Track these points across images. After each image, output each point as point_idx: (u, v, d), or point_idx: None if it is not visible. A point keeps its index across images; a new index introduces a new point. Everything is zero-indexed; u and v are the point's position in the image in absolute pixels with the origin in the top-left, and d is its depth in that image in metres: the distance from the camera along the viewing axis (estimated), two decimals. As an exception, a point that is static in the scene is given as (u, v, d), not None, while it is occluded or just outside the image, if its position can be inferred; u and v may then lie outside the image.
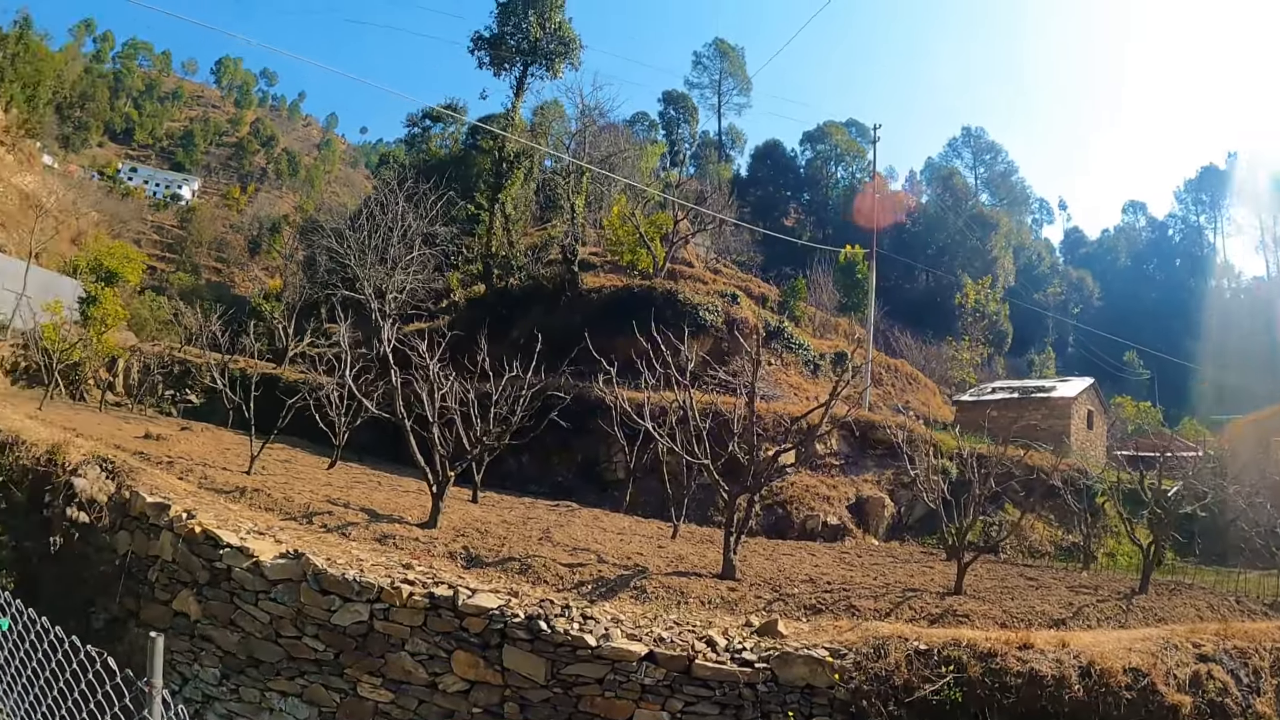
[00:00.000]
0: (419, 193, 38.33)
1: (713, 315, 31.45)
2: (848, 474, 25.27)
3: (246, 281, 78.16)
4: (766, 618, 11.68)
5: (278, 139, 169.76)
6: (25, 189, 66.85)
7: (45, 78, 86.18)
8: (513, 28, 43.47)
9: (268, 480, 17.32)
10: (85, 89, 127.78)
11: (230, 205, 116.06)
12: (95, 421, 23.37)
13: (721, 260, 52.16)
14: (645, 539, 16.86)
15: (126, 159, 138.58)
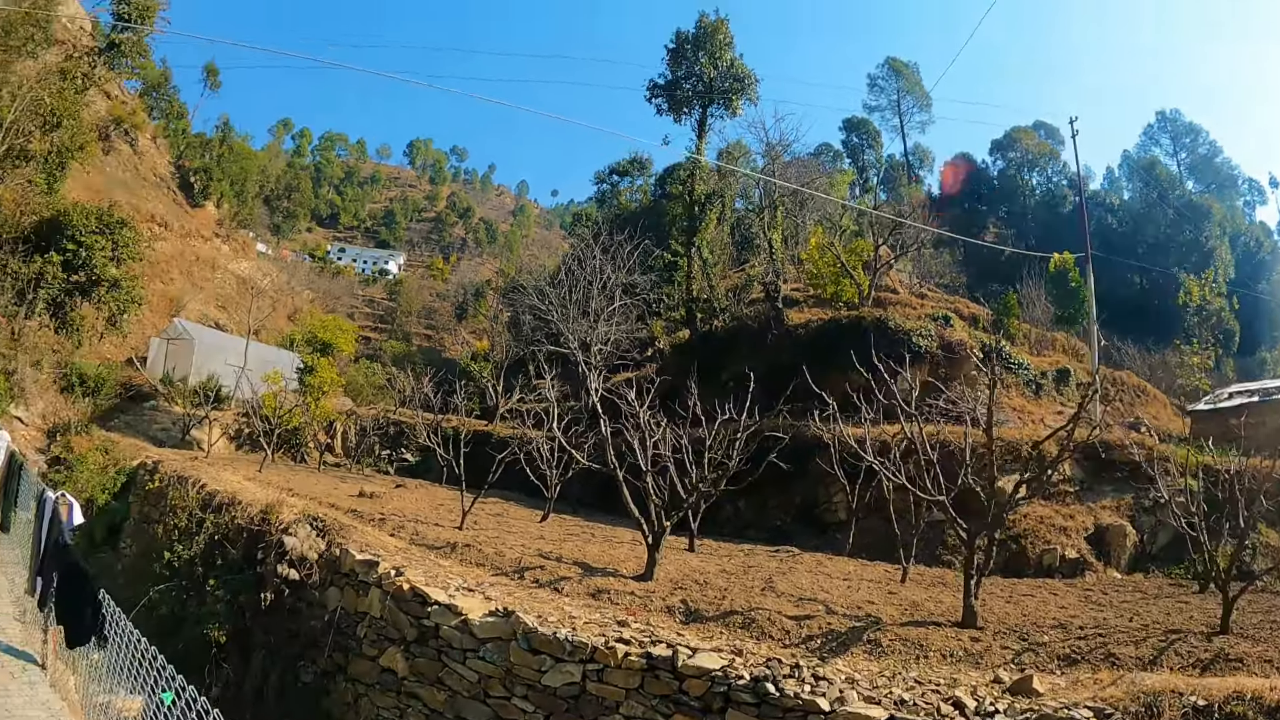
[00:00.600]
0: (614, 245, 38.31)
1: (926, 340, 29.82)
2: (1084, 501, 23.08)
3: (455, 345, 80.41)
4: (1017, 672, 10.34)
5: (473, 210, 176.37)
6: (242, 274, 71.57)
7: (250, 174, 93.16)
8: (685, 71, 43.13)
9: (479, 535, 17.14)
10: (289, 181, 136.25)
11: (435, 275, 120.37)
12: (313, 481, 24.06)
13: (925, 284, 50.23)
14: (873, 584, 15.70)
15: (334, 241, 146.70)
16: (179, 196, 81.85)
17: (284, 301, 75.83)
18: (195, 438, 32.62)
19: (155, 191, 75.96)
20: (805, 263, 41.65)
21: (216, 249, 74.29)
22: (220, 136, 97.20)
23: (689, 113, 43.46)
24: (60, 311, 36.75)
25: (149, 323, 49.46)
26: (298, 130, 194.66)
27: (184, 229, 69.85)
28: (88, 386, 34.81)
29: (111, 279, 38.58)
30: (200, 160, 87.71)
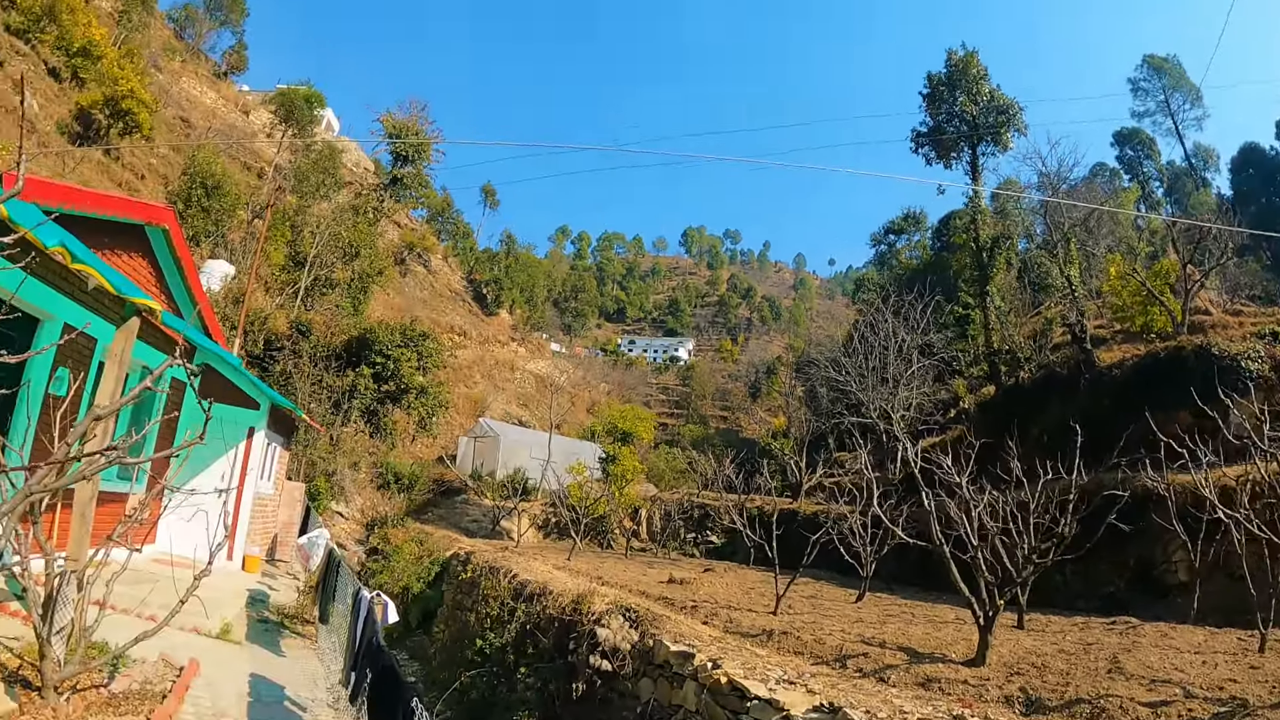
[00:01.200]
0: (903, 305, 36.97)
1: (1256, 363, 26.53)
2: None
3: (752, 424, 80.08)
4: None
5: (754, 290, 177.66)
6: (539, 373, 74.72)
7: (537, 280, 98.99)
8: (945, 114, 41.25)
9: (794, 620, 16.30)
10: (575, 282, 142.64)
11: (724, 357, 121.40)
12: (621, 568, 23.91)
13: (1236, 300, 45.42)
14: (1229, 658, 13.60)
15: (624, 334, 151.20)
16: (474, 307, 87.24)
17: (581, 395, 78.31)
18: (505, 528, 33.76)
19: (452, 304, 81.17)
20: (1106, 295, 38.51)
21: (514, 352, 77.94)
22: (505, 249, 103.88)
23: (958, 156, 41.52)
24: (374, 418, 39.89)
25: (456, 423, 52.34)
26: (575, 234, 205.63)
27: (481, 336, 73.79)
28: (402, 483, 37.33)
29: (419, 386, 41.48)
30: (489, 273, 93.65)
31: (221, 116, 71.63)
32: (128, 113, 41.94)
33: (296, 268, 45.59)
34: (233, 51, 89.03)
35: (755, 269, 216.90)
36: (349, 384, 38.07)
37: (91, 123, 41.74)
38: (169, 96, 61.44)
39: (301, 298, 44.23)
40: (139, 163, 46.31)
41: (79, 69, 44.47)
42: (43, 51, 43.88)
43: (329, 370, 37.37)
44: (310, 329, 39.03)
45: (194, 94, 72.56)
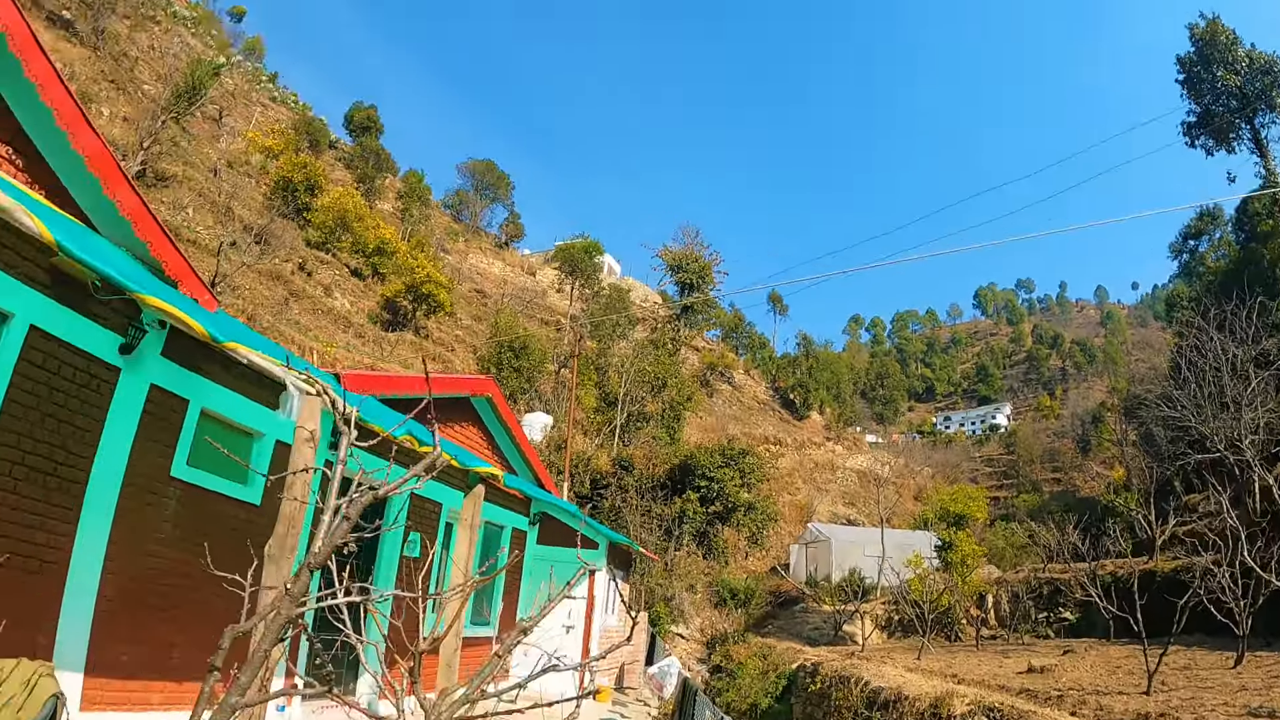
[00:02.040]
0: (1224, 316, 33.85)
1: None
2: None
3: (1088, 481, 75.50)
4: None
5: (1061, 336, 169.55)
6: (860, 468, 73.94)
7: (841, 375, 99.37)
8: (1209, 96, 38.41)
9: (1170, 699, 15.09)
10: (877, 370, 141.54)
11: (1045, 414, 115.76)
12: (974, 662, 23.00)
13: None
14: None
15: (937, 412, 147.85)
16: (783, 414, 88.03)
17: (906, 484, 76.68)
18: (847, 632, 33.30)
19: (761, 415, 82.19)
20: None
21: (831, 451, 77.71)
22: (804, 351, 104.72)
23: (1237, 136, 38.52)
24: (704, 539, 40.89)
25: (785, 531, 52.53)
26: (869, 321, 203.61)
27: (796, 441, 74.11)
28: (738, 599, 37.82)
29: (745, 503, 42.20)
30: (792, 377, 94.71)
31: (511, 281, 77.03)
32: (428, 295, 46.26)
33: (609, 407, 47.97)
34: (508, 223, 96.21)
35: (1056, 314, 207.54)
36: (677, 510, 39.25)
37: (398, 309, 46.28)
38: (460, 273, 66.93)
39: (618, 435, 46.28)
40: (447, 336, 50.55)
41: (377, 265, 49.61)
42: (342, 257, 49.35)
43: (655, 500, 38.70)
44: (632, 463, 40.74)
45: (482, 266, 78.47)
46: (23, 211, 5.96)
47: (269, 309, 36.37)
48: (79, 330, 7.30)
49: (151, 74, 49.45)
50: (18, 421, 6.72)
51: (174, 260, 9.28)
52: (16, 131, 7.76)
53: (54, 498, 7.06)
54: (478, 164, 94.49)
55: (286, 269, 41.93)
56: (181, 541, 8.51)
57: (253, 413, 9.47)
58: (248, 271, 36.79)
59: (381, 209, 64.36)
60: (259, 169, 52.75)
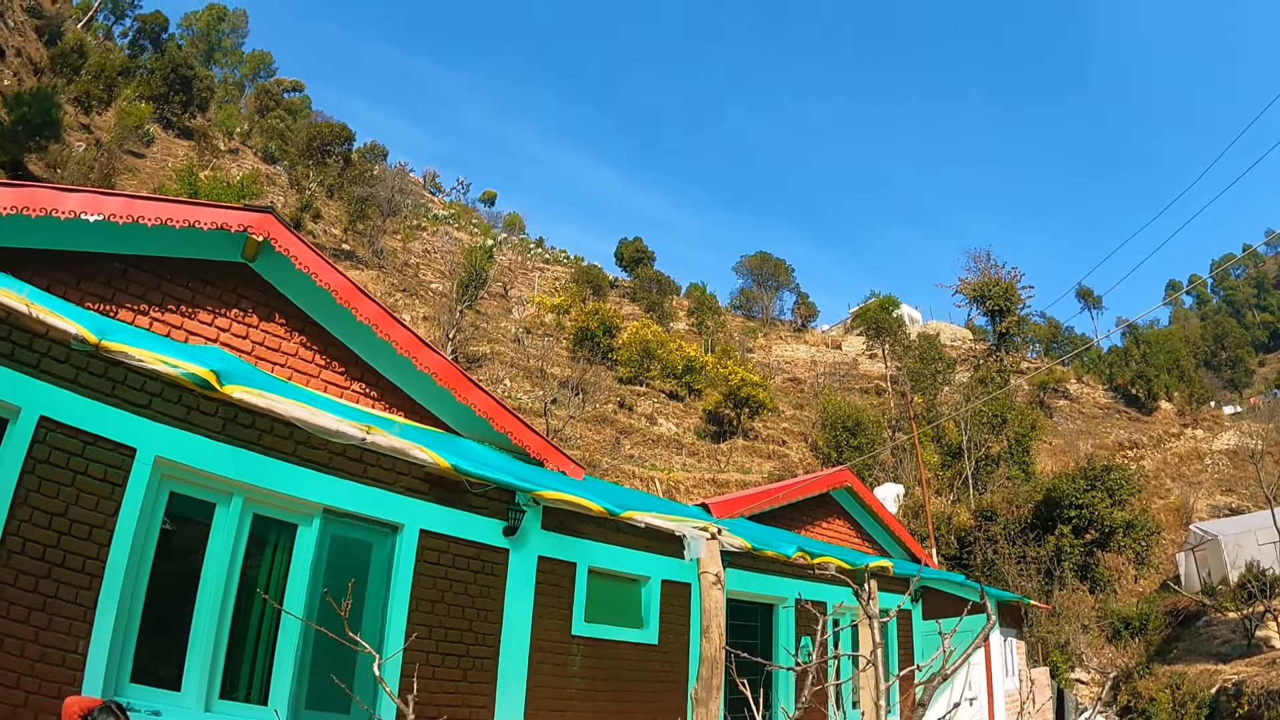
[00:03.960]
0: None
1: None
2: None
3: None
4: None
5: None
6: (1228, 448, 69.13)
7: (1179, 352, 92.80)
8: None
9: None
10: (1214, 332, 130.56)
11: None
12: None
13: None
14: None
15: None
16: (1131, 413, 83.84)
17: (1278, 451, 71.04)
18: (1261, 638, 30.80)
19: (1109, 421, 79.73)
20: None
21: (1192, 438, 73.12)
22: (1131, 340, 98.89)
23: None
24: (1086, 572, 39.37)
25: (1167, 540, 49.62)
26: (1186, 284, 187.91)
27: (1152, 438, 70.43)
28: (1133, 628, 35.86)
29: (1122, 523, 40.53)
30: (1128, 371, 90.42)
31: (820, 361, 77.71)
32: (747, 399, 47.83)
33: (953, 459, 47.63)
34: (799, 305, 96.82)
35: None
36: (1051, 548, 38.21)
37: (722, 419, 48.19)
38: (769, 368, 68.46)
39: (971, 485, 45.75)
40: (775, 431, 52.25)
41: (691, 383, 51.94)
42: (656, 384, 52.66)
43: (1026, 543, 37.91)
44: (993, 511, 40.24)
45: (788, 354, 79.87)
46: (414, 448, 7.52)
47: (602, 451, 38.98)
48: (464, 524, 8.83)
49: (434, 274, 54.87)
50: (427, 615, 8.19)
51: (535, 442, 10.83)
52: (365, 369, 9.57)
53: (470, 675, 8.46)
54: (752, 259, 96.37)
55: (608, 410, 44.80)
56: (590, 692, 9.76)
57: (635, 560, 10.70)
58: (574, 423, 39.63)
59: (677, 329, 67.37)
60: (555, 327, 56.56)
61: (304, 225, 49.78)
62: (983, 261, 66.24)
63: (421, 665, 7.74)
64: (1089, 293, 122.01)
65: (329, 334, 9.42)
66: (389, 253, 54.72)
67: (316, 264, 8.86)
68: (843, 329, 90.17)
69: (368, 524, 8.11)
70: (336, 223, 55.38)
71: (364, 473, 8.07)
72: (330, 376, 9.36)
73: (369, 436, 7.25)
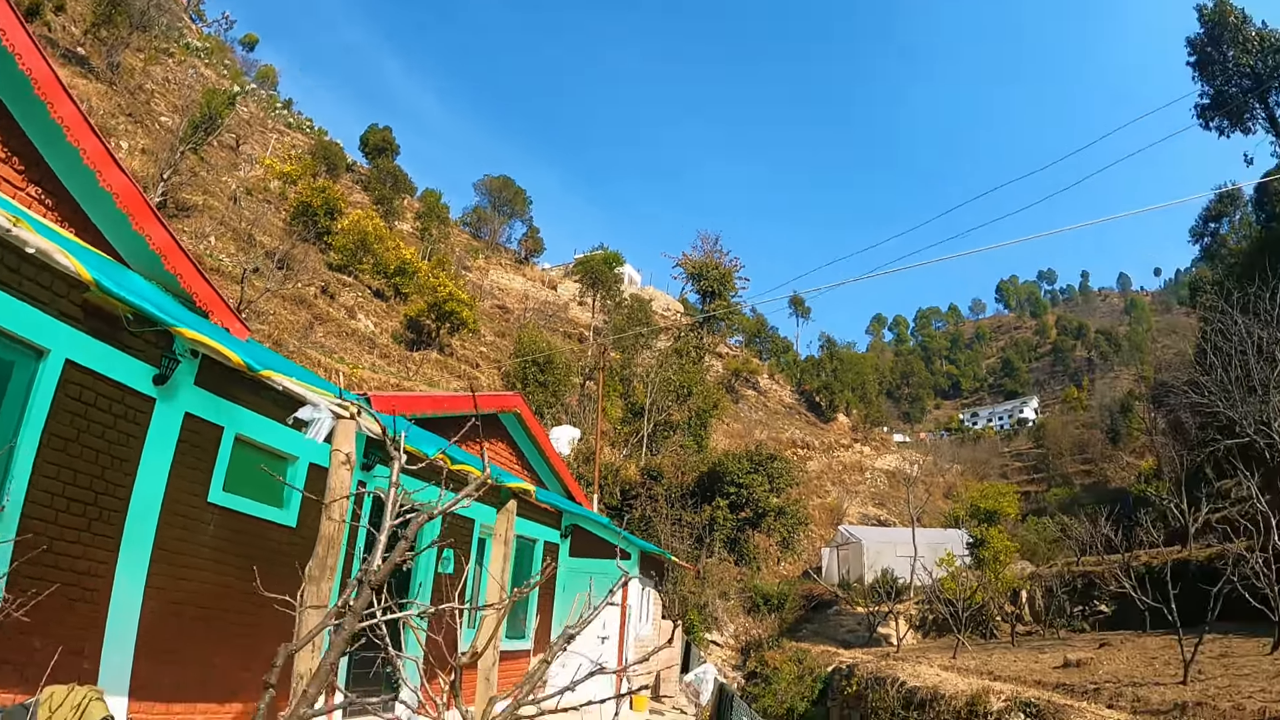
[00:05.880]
0: (1247, 297, 33.57)
1: None
2: None
3: (1119, 471, 74.80)
4: None
5: (1085, 326, 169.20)
6: (888, 468, 74.05)
7: (866, 376, 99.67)
8: (1222, 76, 38.16)
9: (1207, 687, 15.06)
10: (902, 369, 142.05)
11: (1073, 406, 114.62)
12: (1010, 658, 23.03)
13: None
14: None
15: (963, 408, 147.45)
16: (810, 417, 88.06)
17: (935, 482, 76.55)
18: (881, 634, 33.28)
19: (788, 419, 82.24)
20: None
21: (859, 452, 77.71)
22: (827, 353, 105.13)
23: (1252, 116, 38.32)
24: (736, 545, 40.98)
25: (816, 535, 52.58)
26: (891, 320, 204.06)
27: (824, 443, 74.15)
28: (771, 604, 37.87)
29: (775, 508, 42.27)
30: (817, 380, 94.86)
31: (533, 296, 77.19)
32: (451, 313, 46.35)
33: (635, 418, 48.11)
34: (527, 237, 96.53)
35: (1080, 304, 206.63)
36: (706, 518, 39.32)
37: (422, 329, 46.37)
38: (482, 290, 67.24)
39: (646, 445, 46.34)
40: (471, 353, 50.78)
41: (399, 286, 49.76)
42: (364, 279, 49.57)
43: (685, 508, 38.80)
44: (660, 473, 40.84)
45: (503, 283, 78.77)
46: (59, 252, 6.12)
47: (294, 333, 36.66)
48: (114, 363, 7.45)
49: (168, 106, 49.98)
50: (58, 454, 6.86)
51: (204, 291, 9.48)
52: (45, 173, 7.94)
53: (95, 527, 7.19)
54: (494, 180, 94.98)
55: (310, 293, 42.23)
56: (220, 565, 8.68)
57: (287, 437, 9.59)
58: (272, 297, 37.12)
59: (401, 230, 64.72)
60: (278, 195, 53.18)
61: (43, 14, 44.24)
62: (710, 244, 67.42)
63: (44, 506, 6.79)
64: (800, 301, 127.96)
65: (17, 125, 7.68)
66: (126, 70, 49.28)
67: (24, 44, 7.15)
68: (563, 272, 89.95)
69: (13, 343, 6.60)
70: (79, 21, 49.56)
71: (19, 285, 6.55)
72: (6, 172, 7.64)
73: (15, 229, 5.78)
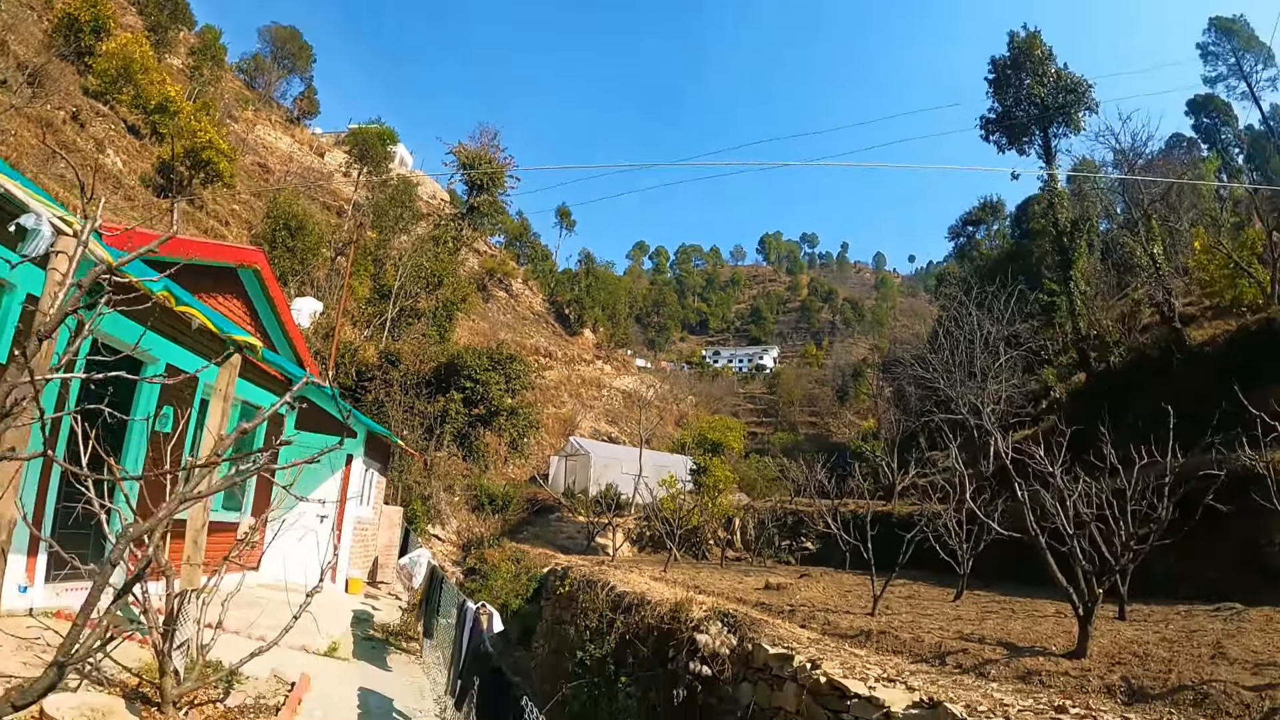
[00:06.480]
0: (986, 297, 36.32)
1: None
2: None
3: (842, 428, 79.07)
4: None
5: (836, 292, 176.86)
6: (626, 389, 75.25)
7: (619, 298, 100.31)
8: (1013, 99, 40.46)
9: (892, 620, 16.20)
10: (655, 297, 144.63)
11: (810, 362, 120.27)
12: (717, 577, 24.05)
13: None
14: None
15: (708, 345, 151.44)
16: (557, 328, 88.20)
17: (669, 409, 78.57)
18: (600, 544, 34.04)
19: (535, 327, 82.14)
20: (1193, 270, 37.10)
21: (600, 370, 78.59)
22: (584, 269, 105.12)
23: (1030, 140, 40.74)
24: (466, 441, 40.71)
25: (547, 443, 52.99)
26: (653, 250, 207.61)
27: (567, 356, 74.54)
28: (496, 504, 37.84)
29: (508, 408, 42.16)
30: (570, 293, 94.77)
31: (298, 160, 73.59)
32: (208, 163, 42.90)
33: (382, 300, 46.64)
34: (303, 97, 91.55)
35: (835, 271, 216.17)
36: (440, 409, 38.84)
37: (174, 175, 42.96)
38: (246, 144, 63.38)
39: (389, 329, 45.23)
40: (223, 210, 47.76)
41: (158, 124, 45.67)
42: (121, 111, 45.32)
43: (420, 397, 38.19)
44: (399, 358, 39.89)
45: (269, 140, 74.65)
46: None
47: (34, 159, 33.38)
48: None
49: None
50: None
51: None
52: None
53: None
54: (281, 30, 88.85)
55: (59, 117, 38.43)
56: None
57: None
58: (15, 115, 33.73)
59: (170, 64, 59.62)
60: (43, 3, 48.32)
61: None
62: (489, 138, 65.74)
63: None
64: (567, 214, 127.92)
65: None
66: None
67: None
68: (334, 140, 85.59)
69: None
70: None
71: None
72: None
73: None
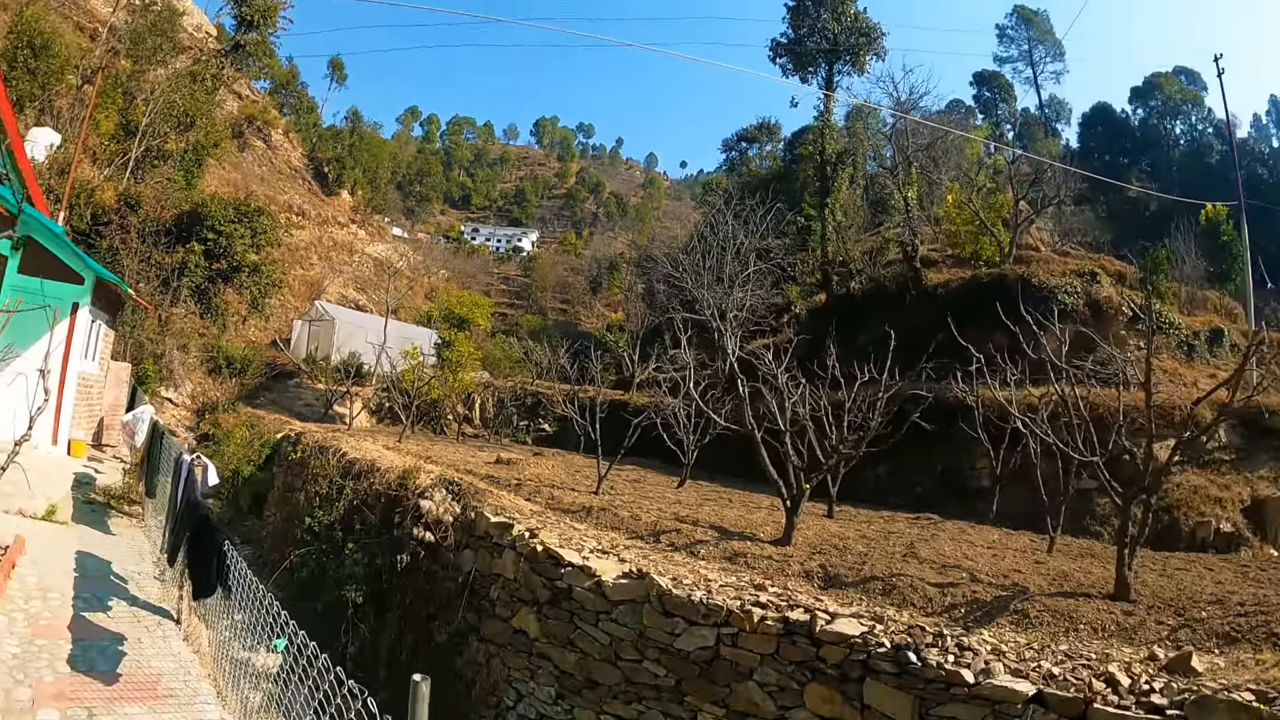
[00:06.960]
0: (746, 210, 37.44)
1: (1071, 297, 28.10)
2: (1240, 471, 21.03)
3: (591, 317, 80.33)
4: (1174, 649, 9.32)
5: (603, 185, 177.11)
6: (379, 256, 73.67)
7: (382, 161, 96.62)
8: (808, 29, 41.77)
9: (615, 500, 17.09)
10: (421, 166, 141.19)
11: (569, 250, 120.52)
12: (451, 451, 24.56)
13: (1067, 243, 47.62)
14: (1019, 554, 14.86)
15: (468, 221, 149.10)
16: (314, 186, 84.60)
17: (421, 281, 77.61)
18: (338, 412, 33.65)
19: (291, 183, 78.59)
20: (942, 221, 39.95)
21: (353, 234, 76.34)
22: (350, 127, 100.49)
23: (814, 71, 42.31)
24: (205, 298, 38.70)
25: (291, 306, 51.32)
26: (425, 117, 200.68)
27: (320, 217, 71.94)
28: (234, 368, 36.46)
29: (252, 265, 40.42)
30: (332, 151, 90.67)
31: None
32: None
33: (127, 137, 42.95)
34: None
35: (606, 165, 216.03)
36: (179, 261, 36.72)
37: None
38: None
39: (131, 170, 41.95)
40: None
41: None
42: None
43: (158, 247, 35.90)
44: (139, 202, 37.10)
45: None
46: None
47: None
48: None
49: None
50: None
51: None
52: None
53: None
54: None
55: None
56: None
57: None
58: None
59: None
60: None
61: None
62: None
63: None
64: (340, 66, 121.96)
65: None
66: None
67: None
68: (94, -50, 78.29)
69: None
70: None
71: None
72: None
73: None
